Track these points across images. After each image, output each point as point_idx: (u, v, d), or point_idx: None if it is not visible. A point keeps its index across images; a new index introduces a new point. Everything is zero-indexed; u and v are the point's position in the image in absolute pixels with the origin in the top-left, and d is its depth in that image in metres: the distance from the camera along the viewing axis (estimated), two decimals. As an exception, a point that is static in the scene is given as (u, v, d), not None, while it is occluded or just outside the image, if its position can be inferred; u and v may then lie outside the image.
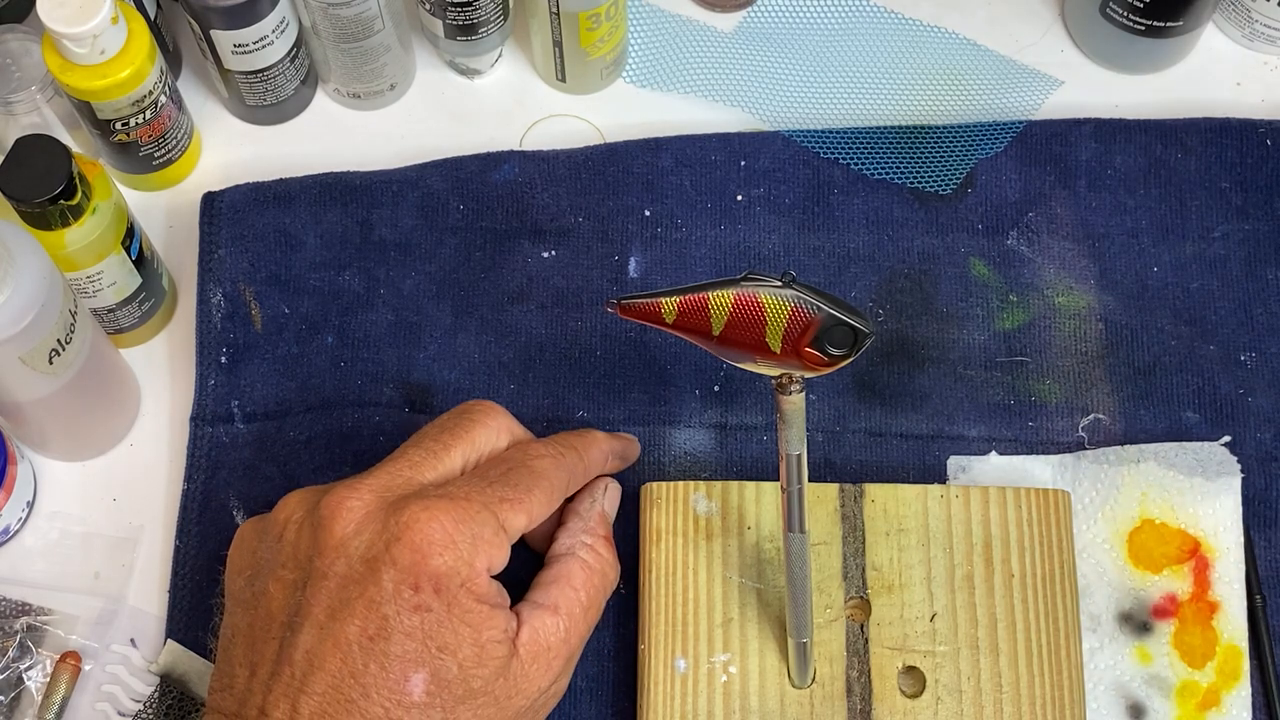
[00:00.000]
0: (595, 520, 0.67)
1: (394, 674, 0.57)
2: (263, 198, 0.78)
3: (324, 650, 0.58)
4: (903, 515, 0.69)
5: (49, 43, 0.71)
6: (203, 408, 0.75)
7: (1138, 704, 0.68)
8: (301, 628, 0.58)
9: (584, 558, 0.65)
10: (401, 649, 0.58)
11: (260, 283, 0.77)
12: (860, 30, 0.84)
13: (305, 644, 0.58)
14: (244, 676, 0.59)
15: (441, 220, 0.78)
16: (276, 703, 0.57)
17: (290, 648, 0.58)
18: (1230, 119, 0.79)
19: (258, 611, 0.60)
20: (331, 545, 0.59)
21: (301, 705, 0.57)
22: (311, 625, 0.58)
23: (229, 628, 0.61)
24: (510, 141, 0.81)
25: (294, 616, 0.59)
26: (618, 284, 0.77)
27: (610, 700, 0.69)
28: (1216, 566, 0.70)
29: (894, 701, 0.65)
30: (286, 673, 0.58)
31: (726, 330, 0.56)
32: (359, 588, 0.58)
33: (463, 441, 0.64)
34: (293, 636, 0.58)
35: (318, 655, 0.58)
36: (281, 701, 0.57)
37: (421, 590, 0.58)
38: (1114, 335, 0.75)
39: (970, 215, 0.78)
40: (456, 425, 0.64)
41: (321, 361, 0.75)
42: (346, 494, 0.60)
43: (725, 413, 0.74)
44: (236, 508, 0.72)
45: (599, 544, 0.66)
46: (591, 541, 0.66)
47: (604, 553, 0.66)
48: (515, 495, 0.62)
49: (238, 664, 0.60)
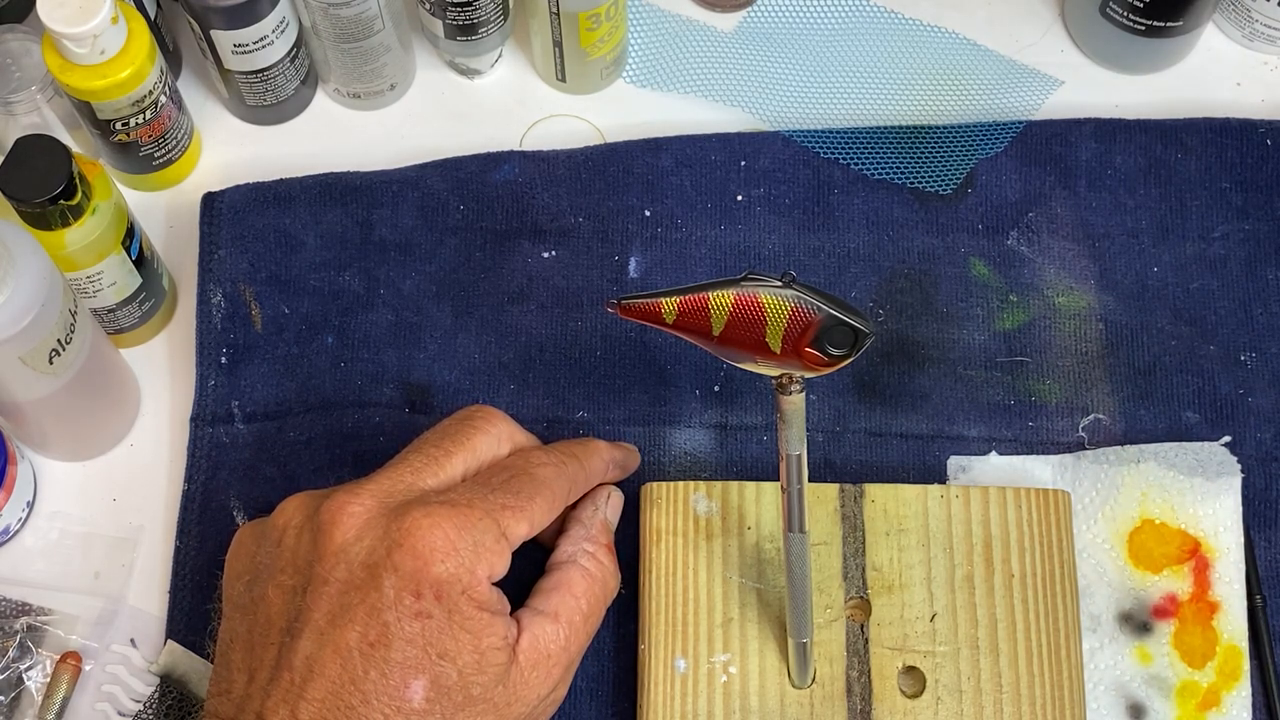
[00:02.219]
0: (597, 528, 0.67)
1: (394, 680, 0.57)
2: (263, 198, 0.78)
3: (324, 656, 0.57)
4: (903, 515, 0.69)
5: (49, 43, 0.71)
6: (203, 408, 0.75)
7: (1138, 704, 0.68)
8: (301, 633, 0.58)
9: (585, 565, 0.65)
10: (402, 655, 0.57)
11: (260, 283, 0.77)
12: (860, 30, 0.84)
13: (305, 650, 0.58)
14: (242, 682, 0.59)
15: (442, 220, 0.78)
16: (275, 709, 0.57)
17: (290, 653, 0.58)
18: (1230, 119, 0.79)
19: (257, 617, 0.60)
20: (332, 551, 0.59)
21: (301, 711, 0.57)
22: (311, 631, 0.58)
23: (227, 632, 0.61)
24: (510, 141, 0.81)
25: (294, 622, 0.59)
26: (618, 284, 0.77)
27: (610, 700, 0.69)
28: (1216, 567, 0.70)
29: (894, 701, 0.65)
30: (286, 678, 0.58)
31: (726, 330, 0.56)
32: (360, 594, 0.58)
33: (464, 448, 0.64)
34: (292, 642, 0.58)
35: (317, 661, 0.57)
36: (281, 707, 0.57)
37: (423, 597, 0.58)
38: (1114, 335, 0.75)
39: (970, 215, 0.78)
40: (458, 432, 0.64)
41: (322, 362, 0.75)
42: (348, 499, 0.60)
43: (725, 413, 0.74)
44: (237, 508, 0.72)
45: (600, 552, 0.66)
46: (593, 549, 0.66)
47: (605, 561, 0.66)
48: (517, 503, 0.62)
49: (236, 669, 0.60)
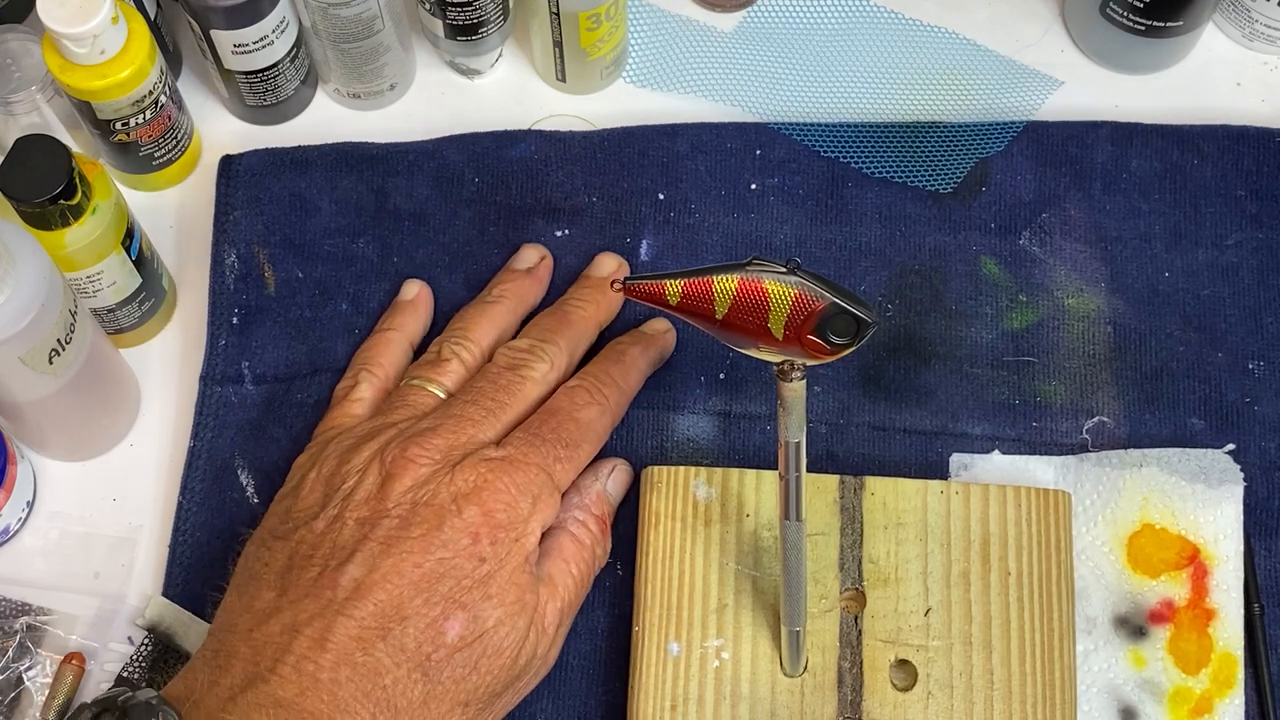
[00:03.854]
0: (593, 497, 0.69)
1: (436, 613, 0.60)
2: (280, 162, 0.78)
3: (372, 579, 0.60)
4: (902, 509, 0.69)
5: (49, 43, 0.70)
6: (213, 367, 0.75)
7: (1130, 708, 0.68)
8: (351, 559, 0.60)
9: (574, 532, 0.67)
10: (449, 590, 0.60)
11: (274, 246, 0.77)
12: (860, 30, 0.84)
13: (353, 573, 0.60)
14: (269, 597, 0.61)
15: (456, 192, 0.78)
16: (310, 621, 0.59)
17: (336, 574, 0.60)
18: (1248, 127, 0.79)
19: (300, 544, 0.62)
20: (398, 491, 0.62)
21: (337, 626, 0.59)
22: (364, 556, 0.60)
23: (256, 561, 0.63)
24: (510, 142, 0.81)
25: (344, 550, 0.61)
26: (629, 266, 0.77)
27: (602, 680, 0.69)
28: (1215, 574, 0.70)
29: (885, 694, 0.66)
30: (326, 595, 0.60)
31: (730, 315, 0.56)
32: (421, 529, 0.61)
33: (518, 399, 0.68)
34: (340, 565, 0.60)
35: (366, 584, 0.60)
36: (316, 620, 0.59)
37: (479, 542, 0.61)
38: (1122, 339, 0.75)
39: (983, 214, 0.78)
40: (509, 383, 0.68)
41: (334, 327, 0.76)
42: (418, 451, 0.63)
43: (730, 400, 0.74)
44: (241, 467, 0.73)
45: (590, 520, 0.68)
46: (584, 517, 0.67)
47: (594, 529, 0.68)
48: (566, 454, 0.66)
49: (264, 588, 0.61)
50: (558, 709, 0.69)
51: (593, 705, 0.69)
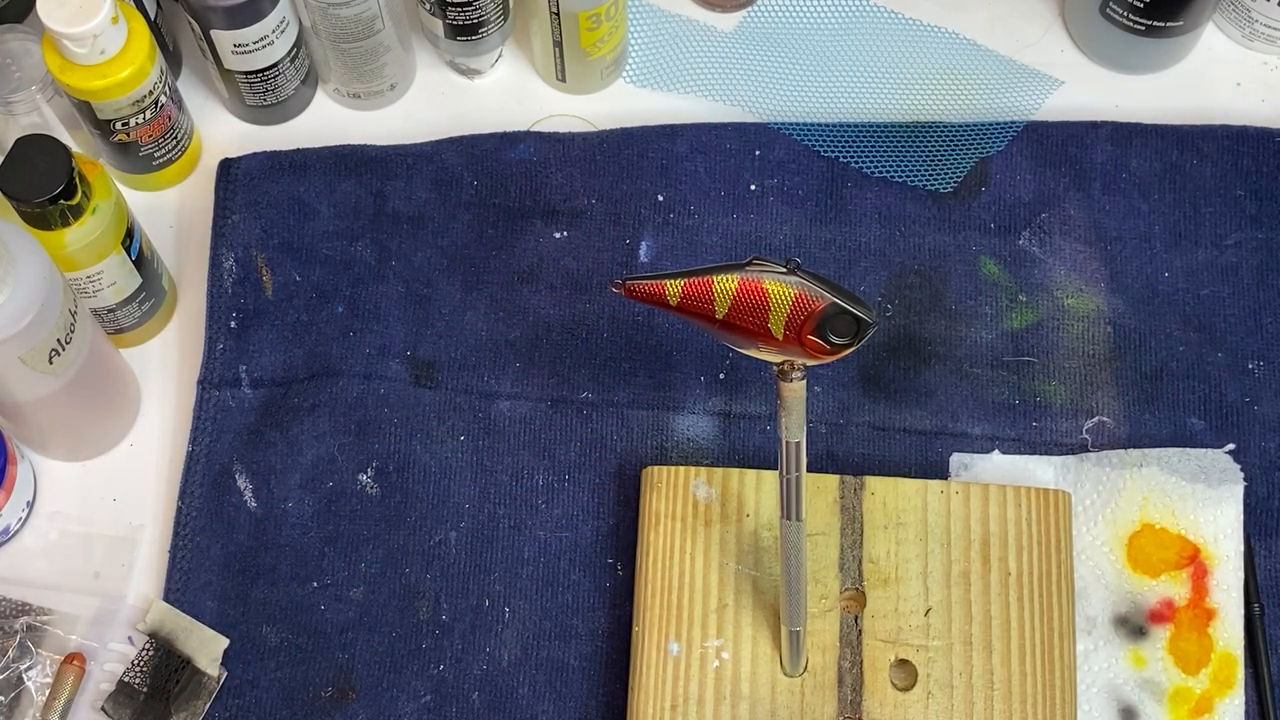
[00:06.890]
0: None
1: None
2: (278, 165, 0.78)
3: None
4: (902, 509, 0.69)
5: (49, 43, 0.70)
6: (210, 371, 0.75)
7: (1130, 707, 0.68)
8: None
9: None
10: None
11: (272, 249, 0.77)
12: (860, 30, 0.84)
13: None
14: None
15: (455, 195, 0.78)
16: None
17: None
18: (1248, 127, 0.79)
19: None
20: None
21: None
22: None
23: None
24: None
25: None
26: (628, 267, 0.77)
27: (602, 680, 0.69)
28: (1215, 574, 0.70)
29: (885, 693, 0.66)
30: None
31: (730, 314, 0.56)
32: None
33: None
34: None
35: None
36: None
37: None
38: (1122, 339, 0.75)
39: (983, 214, 0.78)
40: None
41: (331, 330, 0.76)
42: None
43: (730, 401, 0.74)
44: (239, 471, 0.73)
45: None
46: None
47: None
48: None
49: None
50: (559, 710, 0.69)
51: (593, 705, 0.69)
